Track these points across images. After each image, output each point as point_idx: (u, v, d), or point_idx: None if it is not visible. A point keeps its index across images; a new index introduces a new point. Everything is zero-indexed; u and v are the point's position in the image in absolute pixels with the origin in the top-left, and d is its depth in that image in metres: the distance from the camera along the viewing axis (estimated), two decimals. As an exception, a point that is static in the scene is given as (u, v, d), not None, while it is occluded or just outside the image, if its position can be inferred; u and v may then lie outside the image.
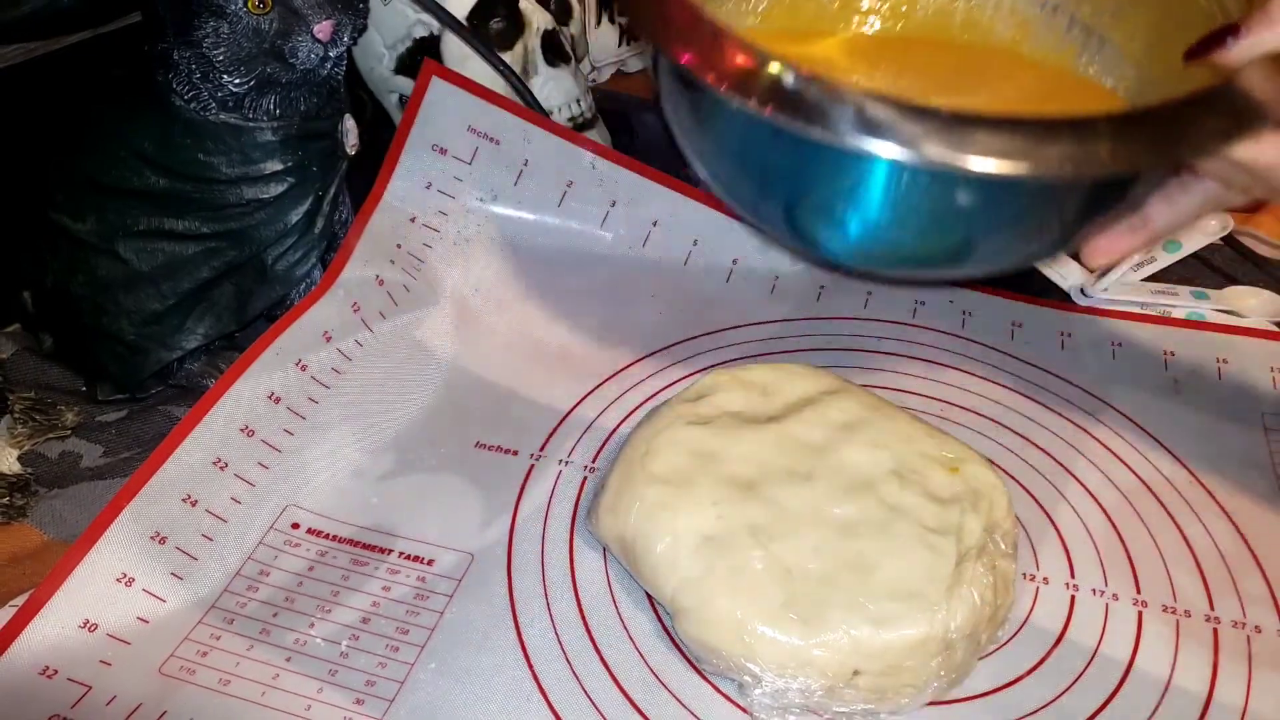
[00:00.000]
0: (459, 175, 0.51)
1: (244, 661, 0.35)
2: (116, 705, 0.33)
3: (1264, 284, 0.51)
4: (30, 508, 0.40)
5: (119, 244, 0.43)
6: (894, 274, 0.47)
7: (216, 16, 0.40)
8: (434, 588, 0.37)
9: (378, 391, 0.45)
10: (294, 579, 0.38)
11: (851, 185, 0.31)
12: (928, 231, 0.33)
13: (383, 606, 0.37)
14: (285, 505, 0.40)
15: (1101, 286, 0.50)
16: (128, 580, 0.36)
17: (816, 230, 0.35)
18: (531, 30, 0.55)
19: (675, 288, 0.51)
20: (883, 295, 0.50)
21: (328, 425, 0.43)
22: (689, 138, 0.36)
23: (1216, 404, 0.44)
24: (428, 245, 0.50)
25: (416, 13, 0.54)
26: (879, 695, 0.33)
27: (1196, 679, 0.34)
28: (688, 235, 0.52)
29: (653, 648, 0.36)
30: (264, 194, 0.44)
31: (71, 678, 0.34)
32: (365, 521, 0.40)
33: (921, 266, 0.39)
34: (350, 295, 0.45)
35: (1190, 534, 0.39)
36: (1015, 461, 0.42)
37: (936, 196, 0.31)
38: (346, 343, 0.45)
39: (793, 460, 0.37)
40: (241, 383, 0.41)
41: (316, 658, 0.35)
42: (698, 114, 0.35)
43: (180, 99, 0.42)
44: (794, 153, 0.32)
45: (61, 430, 0.43)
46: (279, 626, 0.36)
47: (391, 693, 0.34)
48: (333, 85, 0.45)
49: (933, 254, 0.35)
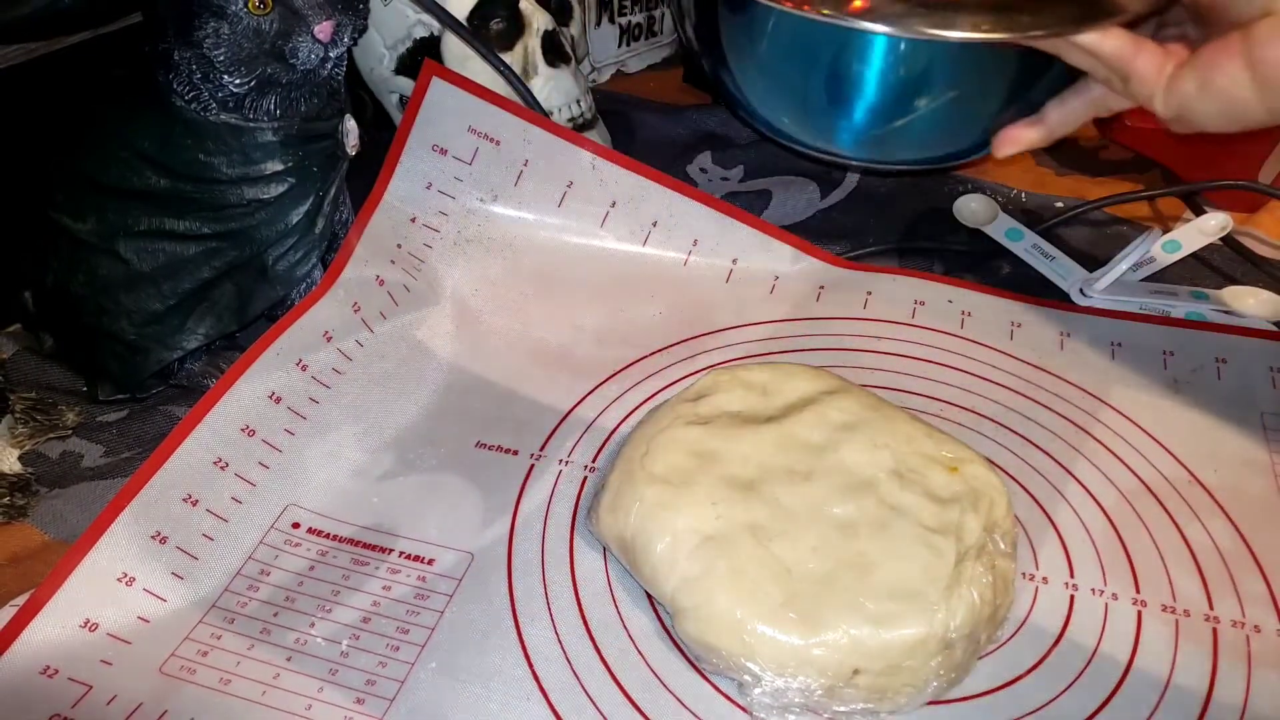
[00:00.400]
0: (459, 175, 0.51)
1: (245, 661, 0.35)
2: (117, 705, 0.33)
3: (1263, 284, 0.51)
4: (31, 508, 0.40)
5: (119, 244, 0.43)
6: (883, 158, 0.54)
7: (217, 17, 0.40)
8: (434, 587, 0.37)
9: (378, 391, 0.45)
10: (295, 578, 0.38)
11: (859, 59, 0.45)
12: (905, 97, 0.46)
13: (383, 606, 0.37)
14: (286, 505, 0.40)
15: (1101, 286, 0.50)
16: (128, 580, 0.36)
17: (831, 115, 0.49)
18: (532, 31, 0.55)
19: (675, 288, 0.51)
20: (883, 295, 0.50)
21: (328, 425, 0.43)
22: (739, 53, 0.50)
23: (1216, 404, 0.44)
24: (428, 245, 0.50)
25: (417, 13, 0.54)
26: (879, 695, 0.33)
27: (1196, 678, 0.34)
28: (687, 235, 0.53)
29: (653, 647, 0.36)
30: (264, 194, 0.44)
31: (72, 677, 0.34)
32: (366, 521, 0.40)
33: (905, 145, 0.50)
34: (351, 295, 0.45)
35: (1189, 534, 0.39)
36: (1015, 461, 0.42)
37: (908, 62, 0.44)
38: (347, 343, 0.45)
39: (792, 460, 0.37)
40: (242, 382, 0.41)
41: (317, 657, 0.35)
42: (753, 29, 0.49)
43: (181, 99, 0.42)
44: (825, 38, 0.46)
45: (62, 430, 0.43)
46: (280, 626, 0.36)
47: (392, 692, 0.34)
48: (333, 85, 0.45)
49: (911, 128, 0.47)
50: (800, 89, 0.49)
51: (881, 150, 0.51)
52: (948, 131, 0.49)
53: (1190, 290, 0.51)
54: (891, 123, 0.48)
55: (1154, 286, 0.51)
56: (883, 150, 0.51)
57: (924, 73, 0.46)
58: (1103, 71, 0.39)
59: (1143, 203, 0.59)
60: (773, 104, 0.52)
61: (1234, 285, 0.51)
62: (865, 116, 0.47)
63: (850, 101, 0.46)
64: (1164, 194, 0.58)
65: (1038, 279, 0.53)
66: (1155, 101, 0.37)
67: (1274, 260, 0.54)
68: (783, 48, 0.48)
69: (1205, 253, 0.54)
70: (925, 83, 0.46)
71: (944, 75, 0.45)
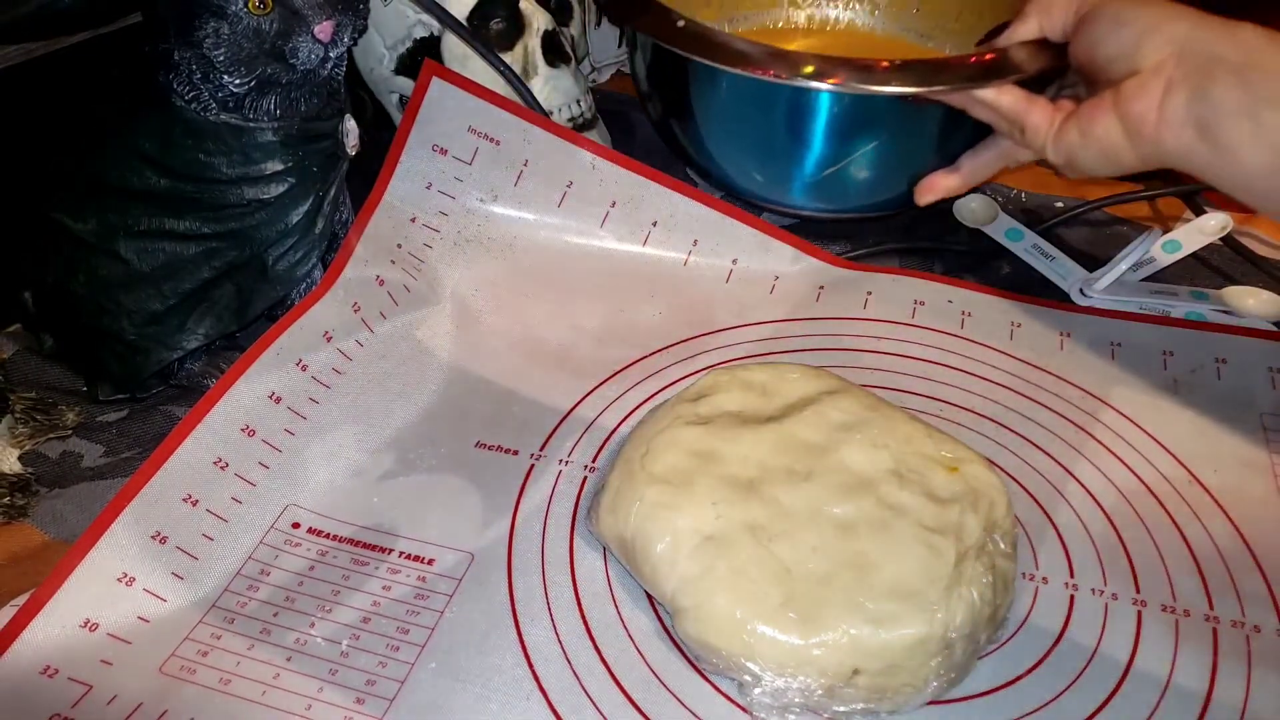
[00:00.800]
0: (459, 175, 0.51)
1: (245, 661, 0.35)
2: (117, 704, 0.33)
3: (1263, 284, 0.51)
4: (31, 508, 0.40)
5: (119, 244, 0.43)
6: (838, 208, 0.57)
7: (217, 17, 0.40)
8: (434, 587, 0.37)
9: (378, 391, 0.45)
10: (295, 578, 0.38)
11: (805, 116, 0.49)
12: (846, 147, 0.50)
13: (383, 606, 0.37)
14: (286, 505, 0.40)
15: (1101, 286, 0.50)
16: (128, 580, 0.36)
17: (782, 171, 0.53)
18: (532, 31, 0.55)
19: (675, 288, 0.51)
20: (883, 295, 0.50)
21: (328, 425, 0.43)
22: (708, 116, 0.53)
23: (1215, 404, 0.44)
24: (428, 245, 0.50)
25: (417, 13, 0.54)
26: (879, 695, 0.33)
27: (1196, 678, 0.34)
28: (687, 235, 0.53)
29: (653, 647, 0.36)
30: (264, 194, 0.44)
31: (72, 677, 0.34)
32: (366, 521, 0.40)
33: (849, 195, 0.53)
34: (351, 295, 0.45)
35: (1189, 534, 0.39)
36: (1015, 461, 0.42)
37: (847, 112, 0.49)
38: (347, 343, 0.45)
39: (792, 460, 0.37)
40: (242, 383, 0.41)
41: (317, 657, 0.35)
42: (712, 94, 0.52)
43: (181, 99, 0.42)
44: (774, 98, 0.50)
45: (62, 430, 0.43)
46: (280, 626, 0.36)
47: (392, 692, 0.34)
48: (333, 86, 0.45)
49: (854, 178, 0.52)
50: (754, 147, 0.53)
51: (827, 200, 0.54)
52: (879, 181, 0.52)
53: (1190, 290, 0.51)
54: (830, 171, 0.52)
55: (1154, 286, 0.51)
56: (829, 200, 0.54)
57: (860, 127, 0.50)
58: (1004, 124, 0.44)
59: (1143, 203, 0.59)
60: (730, 163, 0.55)
61: (1234, 285, 0.51)
62: (813, 168, 0.52)
63: (796, 156, 0.51)
64: (1164, 194, 0.58)
65: (1038, 279, 0.53)
66: (1047, 150, 0.42)
67: (1274, 260, 0.54)
68: (733, 107, 0.52)
69: (1205, 253, 0.54)
70: (860, 137, 0.50)
71: (876, 130, 0.50)
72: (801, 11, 0.66)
